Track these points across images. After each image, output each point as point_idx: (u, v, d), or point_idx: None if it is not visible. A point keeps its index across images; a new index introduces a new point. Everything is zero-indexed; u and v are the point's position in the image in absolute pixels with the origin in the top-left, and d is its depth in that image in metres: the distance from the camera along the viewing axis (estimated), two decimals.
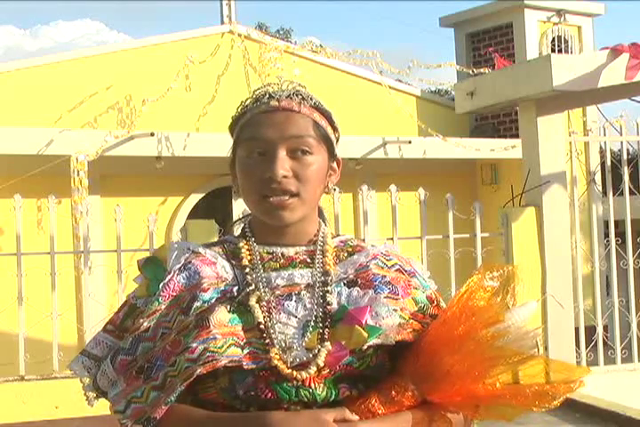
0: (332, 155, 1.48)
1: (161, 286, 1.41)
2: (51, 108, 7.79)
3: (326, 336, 1.35)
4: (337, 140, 1.51)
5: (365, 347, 1.35)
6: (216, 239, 1.58)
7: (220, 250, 1.48)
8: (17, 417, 5.42)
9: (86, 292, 5.89)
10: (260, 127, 1.41)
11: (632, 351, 6.86)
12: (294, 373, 1.32)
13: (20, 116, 7.54)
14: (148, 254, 1.59)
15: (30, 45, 48.95)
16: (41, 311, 5.75)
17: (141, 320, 1.39)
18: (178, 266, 1.43)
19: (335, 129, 1.50)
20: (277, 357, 1.33)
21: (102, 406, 1.51)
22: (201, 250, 1.46)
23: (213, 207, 8.47)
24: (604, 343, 6.82)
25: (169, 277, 1.42)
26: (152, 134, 7.17)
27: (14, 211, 5.63)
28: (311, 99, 1.46)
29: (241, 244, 1.47)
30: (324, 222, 1.53)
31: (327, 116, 1.48)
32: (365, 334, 1.34)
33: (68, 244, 6.43)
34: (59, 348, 5.69)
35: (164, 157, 7.33)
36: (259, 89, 1.48)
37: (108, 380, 1.39)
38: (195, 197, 8.50)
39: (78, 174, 6.49)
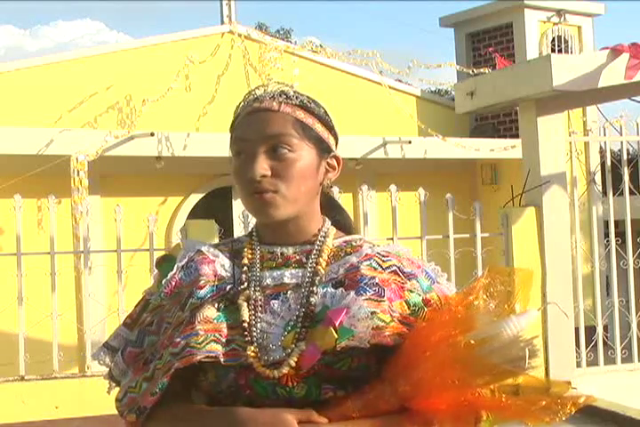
0: (323, 151, 1.47)
1: (164, 282, 1.47)
2: (51, 108, 7.79)
3: (302, 336, 1.35)
4: (336, 138, 1.51)
5: (339, 348, 1.33)
6: (217, 239, 1.61)
7: (226, 249, 1.51)
8: (17, 417, 5.42)
9: (86, 292, 5.89)
10: (242, 128, 1.44)
11: (632, 351, 6.86)
12: (267, 371, 1.34)
13: (20, 116, 7.54)
14: (147, 254, 1.62)
15: (30, 45, 48.96)
16: (41, 311, 5.75)
17: (145, 315, 1.47)
18: (181, 264, 1.48)
19: (329, 127, 1.49)
20: (253, 354, 1.35)
21: (102, 406, 1.53)
22: (204, 249, 1.49)
23: (213, 207, 8.47)
24: (604, 343, 6.82)
25: (171, 274, 1.47)
26: (152, 134, 7.17)
27: (14, 211, 5.63)
28: (297, 98, 1.46)
29: (245, 243, 1.50)
30: (346, 219, 1.57)
31: (316, 113, 1.47)
32: (336, 336, 1.32)
33: (68, 244, 6.44)
34: (59, 348, 5.70)
35: (164, 157, 7.33)
36: (248, 92, 1.51)
37: (120, 370, 1.45)
38: (195, 197, 8.50)
39: (78, 174, 6.49)
